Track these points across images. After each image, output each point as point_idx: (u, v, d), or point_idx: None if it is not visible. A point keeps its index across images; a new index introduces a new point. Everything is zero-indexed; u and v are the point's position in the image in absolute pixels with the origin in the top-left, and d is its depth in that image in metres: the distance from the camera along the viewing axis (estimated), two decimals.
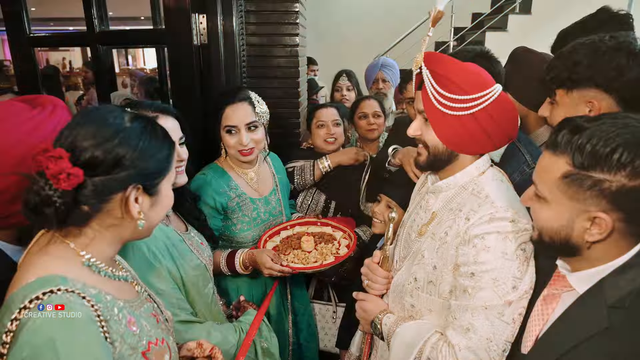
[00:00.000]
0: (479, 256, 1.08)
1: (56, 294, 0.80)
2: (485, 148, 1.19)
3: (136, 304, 1.01)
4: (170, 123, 1.39)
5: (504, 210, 1.09)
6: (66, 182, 0.82)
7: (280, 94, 2.42)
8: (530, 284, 1.08)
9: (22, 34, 2.27)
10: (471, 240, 1.10)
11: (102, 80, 2.37)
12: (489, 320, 1.07)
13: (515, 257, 1.07)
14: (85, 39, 2.31)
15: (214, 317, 1.50)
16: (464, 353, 1.09)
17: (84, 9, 2.14)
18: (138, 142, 0.91)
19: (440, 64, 1.14)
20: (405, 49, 6.44)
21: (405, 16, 6.76)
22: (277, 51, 2.36)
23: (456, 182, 1.22)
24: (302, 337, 2.05)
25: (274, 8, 2.30)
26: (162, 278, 1.32)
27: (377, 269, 1.39)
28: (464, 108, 1.11)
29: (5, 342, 0.77)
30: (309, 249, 1.87)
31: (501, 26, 6.46)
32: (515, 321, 1.08)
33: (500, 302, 1.07)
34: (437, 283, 1.19)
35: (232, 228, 1.82)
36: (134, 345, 0.92)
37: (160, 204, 1.01)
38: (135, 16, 10.42)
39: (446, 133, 1.16)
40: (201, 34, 2.13)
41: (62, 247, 0.90)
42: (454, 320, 1.13)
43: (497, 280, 1.07)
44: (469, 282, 1.10)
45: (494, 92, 1.10)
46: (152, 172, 0.95)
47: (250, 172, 1.88)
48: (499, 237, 1.08)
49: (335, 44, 7.36)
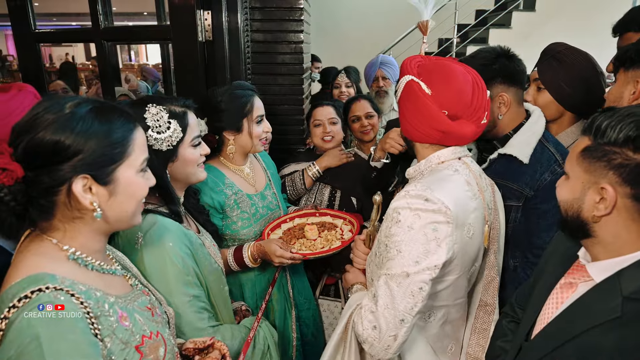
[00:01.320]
0: (392, 229, 1.16)
1: (44, 292, 0.80)
2: (420, 137, 1.27)
3: (129, 298, 1.00)
4: (194, 119, 1.40)
5: (422, 189, 1.15)
6: (5, 177, 0.81)
7: (285, 90, 2.43)
8: (436, 262, 1.12)
9: (27, 29, 2.27)
10: (391, 214, 1.18)
11: (107, 76, 2.37)
12: (389, 288, 1.14)
13: (422, 234, 1.12)
14: (90, 35, 2.32)
15: (230, 318, 1.53)
16: (367, 315, 1.17)
17: (89, 5, 2.15)
18: (75, 127, 0.85)
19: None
20: (409, 46, 6.44)
21: (408, 13, 6.71)
22: (282, 48, 2.37)
23: (419, 168, 1.31)
24: (308, 333, 2.06)
25: (279, 5, 2.30)
26: (194, 284, 1.32)
27: (360, 244, 1.50)
28: (397, 96, 1.29)
29: None
30: (313, 237, 1.89)
31: (505, 23, 6.45)
32: (415, 295, 1.12)
33: (399, 272, 1.13)
34: (379, 255, 1.27)
35: (233, 226, 1.82)
36: (126, 340, 0.91)
37: (124, 193, 0.94)
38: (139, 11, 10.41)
39: (400, 120, 1.34)
40: (206, 30, 2.13)
41: (45, 243, 0.90)
42: (371, 288, 1.22)
43: (401, 252, 1.13)
44: (384, 253, 1.19)
45: (402, 82, 1.24)
46: (100, 159, 0.88)
47: (245, 168, 1.89)
48: (410, 212, 1.14)
49: (337, 41, 7.35)
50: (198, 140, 1.41)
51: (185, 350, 1.20)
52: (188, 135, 1.36)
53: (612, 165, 0.86)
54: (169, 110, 1.31)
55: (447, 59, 1.34)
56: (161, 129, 1.29)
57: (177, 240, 1.29)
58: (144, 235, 1.24)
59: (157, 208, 1.32)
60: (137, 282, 1.10)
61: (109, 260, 1.05)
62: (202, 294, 1.36)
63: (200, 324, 1.31)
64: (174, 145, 1.32)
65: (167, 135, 1.29)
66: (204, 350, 1.21)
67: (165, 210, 1.34)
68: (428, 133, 1.23)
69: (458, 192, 1.20)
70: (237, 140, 1.79)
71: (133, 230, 1.23)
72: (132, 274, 1.12)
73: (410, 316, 1.13)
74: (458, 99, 1.21)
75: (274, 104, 2.42)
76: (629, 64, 1.37)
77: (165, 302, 1.19)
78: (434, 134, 1.23)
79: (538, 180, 1.45)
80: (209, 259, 1.44)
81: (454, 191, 1.19)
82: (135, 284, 1.09)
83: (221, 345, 1.23)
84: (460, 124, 1.21)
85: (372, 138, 2.45)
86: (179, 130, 1.32)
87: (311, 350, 2.07)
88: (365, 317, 1.17)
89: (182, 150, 1.36)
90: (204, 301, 1.36)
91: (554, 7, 6.29)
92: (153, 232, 1.25)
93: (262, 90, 2.38)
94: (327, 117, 2.27)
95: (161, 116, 1.28)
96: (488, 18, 6.57)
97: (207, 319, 1.34)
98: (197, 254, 1.36)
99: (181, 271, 1.28)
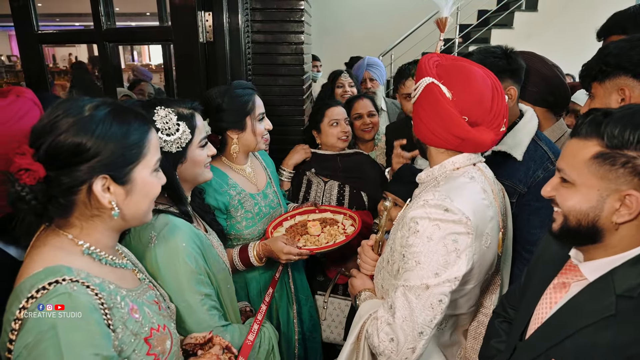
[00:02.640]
0: (410, 239, 1.13)
1: (61, 283, 0.84)
2: (435, 142, 1.23)
3: (138, 292, 1.04)
4: (201, 121, 1.42)
5: (441, 199, 1.12)
6: (27, 177, 0.84)
7: (285, 91, 2.44)
8: (456, 274, 1.11)
9: (30, 30, 2.29)
10: (408, 223, 1.15)
11: (109, 76, 2.39)
12: (407, 301, 1.12)
13: (441, 245, 1.10)
14: (92, 37, 2.33)
15: (237, 317, 1.55)
16: (384, 327, 1.15)
17: (91, 6, 2.16)
18: (95, 130, 0.89)
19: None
20: (410, 46, 6.43)
21: (409, 13, 6.74)
22: (282, 49, 2.37)
23: (433, 174, 1.28)
24: (305, 328, 2.09)
25: (279, 6, 2.31)
26: (206, 283, 1.34)
27: (368, 250, 1.48)
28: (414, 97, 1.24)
29: (13, 329, 0.81)
30: (317, 233, 1.91)
31: (507, 23, 6.44)
32: (434, 307, 1.11)
33: (418, 284, 1.11)
34: (392, 263, 1.25)
35: (237, 226, 1.83)
36: (136, 331, 0.95)
37: (139, 192, 0.98)
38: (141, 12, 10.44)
39: (414, 121, 1.29)
40: (207, 31, 2.14)
41: (61, 238, 0.93)
42: (387, 298, 1.19)
43: (420, 264, 1.11)
44: (401, 263, 1.16)
45: (421, 85, 1.19)
46: (118, 160, 0.92)
47: (247, 168, 1.91)
48: (429, 222, 1.11)
49: (338, 41, 7.35)
50: (205, 141, 1.43)
51: (186, 345, 1.22)
52: (196, 136, 1.38)
53: (638, 171, 0.83)
54: (177, 113, 1.33)
55: (464, 59, 1.30)
56: (170, 131, 1.31)
57: (189, 240, 1.31)
58: (157, 234, 1.26)
59: (168, 208, 1.34)
60: (144, 277, 1.14)
61: (119, 255, 1.08)
62: (213, 293, 1.38)
63: (212, 322, 1.33)
64: (183, 147, 1.34)
65: (177, 137, 1.31)
66: (204, 345, 1.23)
67: (175, 210, 1.36)
68: (446, 138, 1.19)
69: (476, 201, 1.17)
70: (241, 139, 1.80)
71: (146, 230, 1.26)
72: (139, 269, 1.15)
73: (430, 328, 1.12)
74: (478, 105, 1.18)
75: (275, 104, 2.43)
76: (601, 76, 1.33)
77: (168, 297, 1.22)
78: (452, 140, 1.19)
79: (531, 178, 1.48)
80: (217, 258, 1.46)
81: (473, 200, 1.16)
82: (143, 278, 1.12)
83: (220, 340, 1.24)
84: (479, 131, 1.18)
85: (372, 137, 2.51)
86: (187, 132, 1.34)
87: (311, 345, 2.10)
88: (381, 329, 1.15)
89: (191, 151, 1.38)
90: (215, 300, 1.38)
91: (557, 7, 6.27)
92: (166, 232, 1.27)
93: (263, 91, 2.39)
94: (343, 117, 2.30)
95: (170, 118, 1.30)
96: (490, 18, 6.56)
97: (217, 317, 1.36)
98: (206, 253, 1.38)
99: (194, 270, 1.29)
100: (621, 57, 1.28)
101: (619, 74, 1.29)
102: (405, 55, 6.59)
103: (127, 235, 1.29)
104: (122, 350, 0.90)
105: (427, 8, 6.16)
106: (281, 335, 1.93)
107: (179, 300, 1.25)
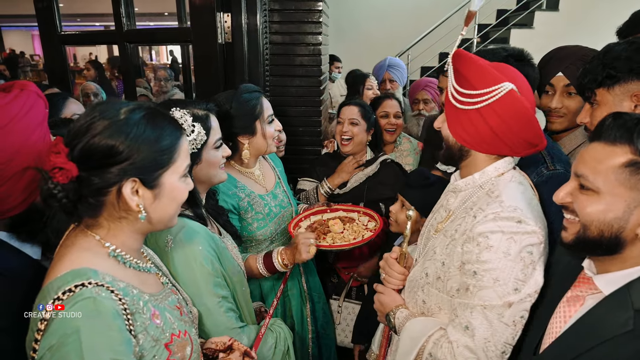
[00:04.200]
0: (482, 255, 1.08)
1: (87, 287, 0.84)
2: (498, 149, 1.17)
3: (161, 296, 1.04)
4: (216, 122, 1.41)
5: (511, 210, 1.08)
6: (61, 175, 0.85)
7: (302, 92, 2.44)
8: (535, 287, 1.07)
9: (53, 31, 2.34)
10: (475, 238, 1.10)
11: (129, 76, 2.43)
12: (487, 320, 1.08)
13: (519, 259, 1.06)
14: (113, 37, 2.37)
15: (252, 319, 1.55)
16: (462, 351, 1.10)
17: (112, 7, 2.20)
18: (129, 133, 0.90)
19: (460, 60, 1.16)
20: (427, 46, 6.38)
21: (427, 13, 6.68)
22: (300, 49, 2.38)
23: (474, 181, 1.22)
24: (319, 326, 2.09)
25: (298, 7, 2.31)
26: (223, 285, 1.35)
27: (394, 264, 1.41)
28: (471, 103, 1.13)
29: (39, 329, 0.83)
30: (339, 230, 1.90)
31: (527, 23, 6.33)
32: (517, 324, 1.08)
33: (500, 303, 1.06)
34: (444, 279, 1.20)
35: (249, 228, 1.83)
36: (157, 337, 0.95)
37: (167, 197, 0.99)
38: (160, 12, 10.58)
39: (456, 127, 1.19)
40: (225, 32, 2.16)
41: (89, 238, 0.94)
42: (455, 318, 1.14)
43: (498, 281, 1.06)
44: (471, 281, 1.10)
45: (500, 90, 1.08)
46: (149, 164, 0.93)
47: (256, 170, 1.90)
48: (503, 236, 1.06)
49: (356, 41, 7.33)
50: (220, 142, 1.43)
51: (207, 350, 1.23)
52: (211, 137, 1.38)
53: None
54: (193, 114, 1.33)
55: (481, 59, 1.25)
56: (186, 132, 1.30)
57: (205, 242, 1.32)
58: (174, 238, 1.27)
59: (183, 211, 1.34)
60: (167, 281, 1.14)
61: (144, 258, 1.09)
62: (230, 295, 1.38)
63: (230, 324, 1.33)
64: (198, 148, 1.34)
65: (192, 138, 1.31)
66: (225, 351, 1.24)
67: (190, 213, 1.36)
68: (512, 144, 1.14)
69: (535, 207, 1.13)
70: (252, 144, 1.79)
71: (163, 233, 1.27)
72: (163, 273, 1.16)
73: (511, 346, 1.09)
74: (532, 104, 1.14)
75: (291, 105, 2.43)
76: (610, 81, 1.24)
77: (190, 302, 1.22)
78: (518, 145, 1.14)
79: None
80: (232, 261, 1.46)
81: (533, 207, 1.12)
82: (166, 282, 1.13)
83: (238, 345, 1.25)
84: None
85: (394, 139, 2.50)
86: (202, 133, 1.33)
87: (325, 342, 2.11)
88: (459, 352, 1.10)
89: (206, 152, 1.38)
90: (231, 302, 1.38)
91: (579, 7, 6.14)
92: (182, 235, 1.28)
93: (280, 92, 2.41)
94: (347, 117, 2.21)
95: (185, 119, 1.29)
96: (509, 18, 6.47)
97: (234, 319, 1.36)
98: (222, 256, 1.38)
99: (210, 273, 1.30)
100: (633, 61, 1.21)
101: (631, 79, 1.22)
102: (422, 56, 6.55)
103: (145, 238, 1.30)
104: (143, 356, 0.91)
105: (444, 8, 6.12)
106: (295, 334, 1.94)
107: (197, 303, 1.26)
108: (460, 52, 1.18)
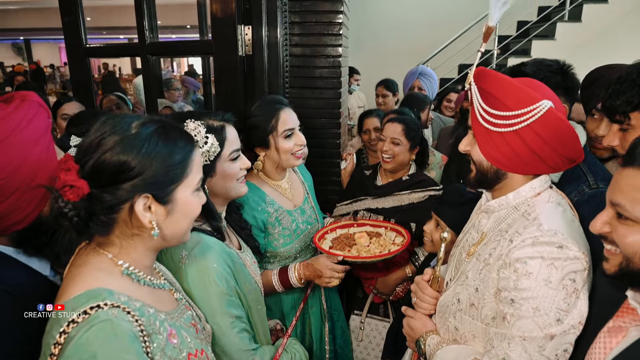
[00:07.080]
0: (520, 282, 1.01)
1: (102, 308, 0.82)
2: (537, 169, 1.11)
3: (176, 314, 1.02)
4: (233, 133, 1.38)
5: (551, 235, 1.01)
6: (72, 193, 0.83)
7: (322, 104, 2.43)
8: (579, 318, 1.00)
9: (79, 44, 2.39)
10: (512, 264, 1.03)
11: (151, 88, 2.46)
12: (527, 353, 1.01)
13: (561, 287, 0.99)
14: (136, 50, 2.41)
15: (267, 339, 1.52)
16: None
17: (136, 21, 2.24)
18: (141, 148, 0.88)
19: (486, 79, 1.11)
20: (447, 58, 6.35)
21: (446, 25, 6.66)
22: (320, 62, 2.37)
23: (508, 202, 1.16)
24: (337, 345, 2.05)
25: (318, 19, 2.32)
26: (237, 305, 1.32)
27: (425, 287, 1.35)
28: (506, 125, 1.07)
29: (53, 354, 0.80)
30: (366, 243, 1.88)
31: (548, 34, 6.24)
32: (559, 358, 1.00)
33: (541, 334, 0.99)
34: (478, 307, 1.13)
35: (274, 243, 1.80)
36: (174, 357, 0.92)
37: (180, 212, 0.96)
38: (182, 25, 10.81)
39: (490, 150, 1.12)
40: (246, 44, 2.17)
41: (101, 257, 0.92)
42: (492, 349, 1.07)
43: (539, 310, 0.99)
44: (508, 309, 1.04)
45: (539, 109, 1.03)
46: (162, 179, 0.91)
47: (284, 183, 1.87)
48: (543, 263, 1.00)
49: (375, 53, 7.34)
50: (237, 153, 1.39)
51: None
52: (226, 149, 1.35)
53: None
54: (207, 125, 1.31)
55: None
56: (199, 144, 1.28)
57: (220, 259, 1.29)
58: (189, 254, 1.25)
59: (201, 226, 1.33)
60: (181, 297, 1.12)
61: (157, 274, 1.07)
62: (244, 315, 1.35)
63: (243, 346, 1.30)
64: (211, 160, 1.31)
65: (205, 150, 1.28)
66: None
67: (207, 227, 1.34)
68: (552, 162, 1.08)
69: (577, 230, 1.06)
70: (268, 156, 1.78)
71: (178, 248, 1.24)
72: (176, 289, 1.13)
73: None
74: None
75: (311, 117, 2.42)
76: None
77: (204, 318, 1.20)
78: (558, 162, 1.09)
79: None
80: (250, 278, 1.43)
81: (577, 231, 1.05)
82: (180, 298, 1.11)
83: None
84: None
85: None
86: (216, 144, 1.30)
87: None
88: None
89: (220, 164, 1.35)
90: (245, 322, 1.35)
91: (602, 18, 6.03)
92: (197, 251, 1.26)
93: (300, 104, 2.40)
94: (390, 136, 2.11)
95: (199, 131, 1.28)
96: (530, 29, 6.40)
97: (247, 340, 1.33)
98: (238, 273, 1.36)
99: (224, 292, 1.27)
100: None
101: None
102: (441, 68, 6.51)
103: (159, 253, 1.29)
104: None
105: (464, 19, 6.09)
106: (312, 354, 1.90)
107: (211, 322, 1.24)
108: (485, 71, 1.13)
